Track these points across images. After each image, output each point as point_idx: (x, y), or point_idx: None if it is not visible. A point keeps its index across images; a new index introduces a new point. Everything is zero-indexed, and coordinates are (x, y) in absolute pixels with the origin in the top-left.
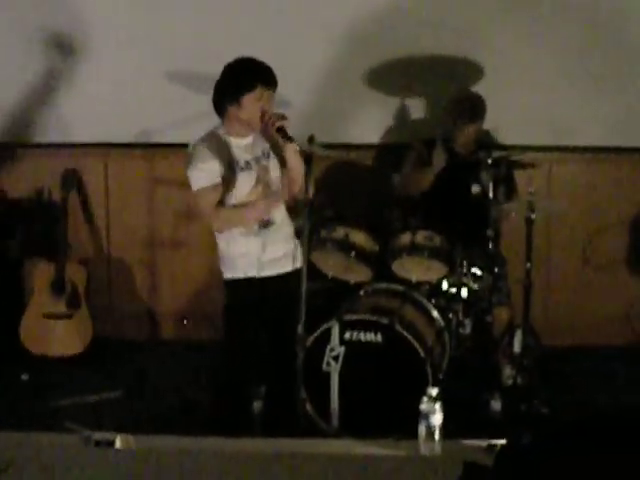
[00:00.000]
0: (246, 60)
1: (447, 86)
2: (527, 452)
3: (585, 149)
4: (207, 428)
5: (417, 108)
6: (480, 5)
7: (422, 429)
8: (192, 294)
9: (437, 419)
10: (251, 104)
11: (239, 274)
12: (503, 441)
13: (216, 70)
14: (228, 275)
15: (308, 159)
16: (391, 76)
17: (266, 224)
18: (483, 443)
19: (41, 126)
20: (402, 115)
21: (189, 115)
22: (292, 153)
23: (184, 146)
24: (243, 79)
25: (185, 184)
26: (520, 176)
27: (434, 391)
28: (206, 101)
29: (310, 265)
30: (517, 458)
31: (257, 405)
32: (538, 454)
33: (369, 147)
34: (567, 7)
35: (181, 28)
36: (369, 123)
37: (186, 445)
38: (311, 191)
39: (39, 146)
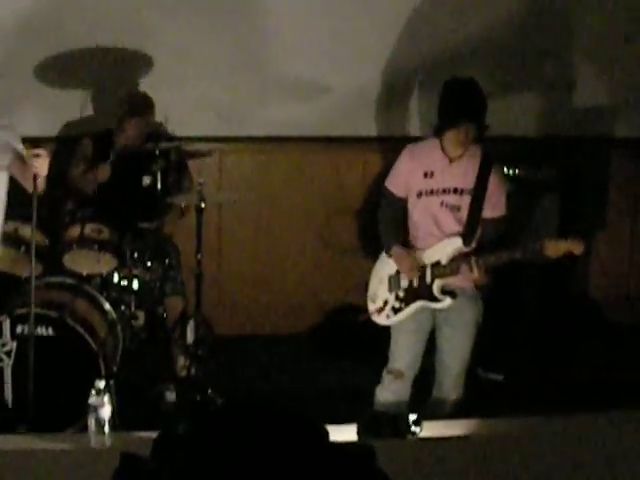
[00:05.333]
0: None
1: (118, 79)
2: (182, 441)
3: (253, 139)
4: None
5: (88, 102)
6: None
7: (92, 422)
8: None
9: (106, 412)
10: None
11: None
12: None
13: None
14: None
15: None
16: (62, 70)
17: None
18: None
19: None
20: (76, 108)
21: None
22: None
23: None
24: None
25: None
26: (193, 167)
27: (102, 384)
28: None
29: None
30: (173, 447)
31: None
32: (193, 442)
33: (45, 140)
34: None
35: None
36: (42, 116)
37: None
38: None
39: None
